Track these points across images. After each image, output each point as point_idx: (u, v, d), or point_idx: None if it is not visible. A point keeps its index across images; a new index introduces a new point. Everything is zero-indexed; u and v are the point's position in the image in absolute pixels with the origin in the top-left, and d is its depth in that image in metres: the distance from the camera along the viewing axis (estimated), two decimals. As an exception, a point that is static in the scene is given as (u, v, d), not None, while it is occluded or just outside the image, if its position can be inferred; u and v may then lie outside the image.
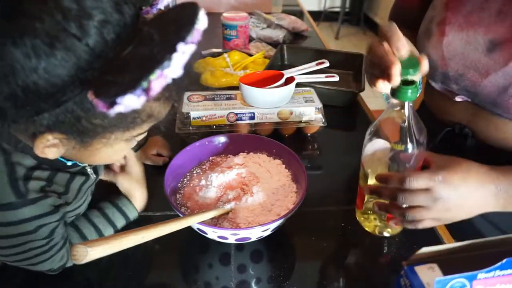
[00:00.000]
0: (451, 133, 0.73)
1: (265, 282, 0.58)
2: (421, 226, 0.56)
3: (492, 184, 0.53)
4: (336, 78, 0.89)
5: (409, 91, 0.51)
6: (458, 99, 0.68)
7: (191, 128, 0.82)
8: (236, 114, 0.82)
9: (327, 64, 0.89)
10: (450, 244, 0.32)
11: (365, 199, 0.63)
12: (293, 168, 0.68)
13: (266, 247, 0.63)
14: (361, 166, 0.62)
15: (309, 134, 0.90)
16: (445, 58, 0.65)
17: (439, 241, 0.65)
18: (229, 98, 0.86)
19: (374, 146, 0.58)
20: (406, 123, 0.54)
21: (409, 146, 0.55)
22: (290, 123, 0.86)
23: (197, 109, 0.81)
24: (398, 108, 0.54)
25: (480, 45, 0.61)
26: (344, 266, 0.61)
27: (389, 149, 0.57)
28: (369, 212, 0.64)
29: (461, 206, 0.53)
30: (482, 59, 0.60)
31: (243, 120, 0.83)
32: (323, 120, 0.86)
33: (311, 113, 0.85)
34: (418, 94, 0.56)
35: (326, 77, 0.89)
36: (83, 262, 0.40)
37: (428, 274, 0.31)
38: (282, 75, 0.88)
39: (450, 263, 0.31)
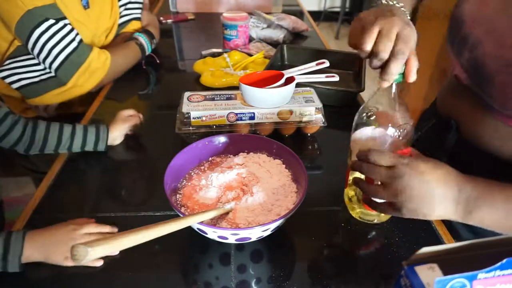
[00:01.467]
0: (438, 126, 0.73)
1: (265, 282, 0.58)
2: (379, 210, 0.56)
3: (456, 187, 0.50)
4: (336, 78, 0.89)
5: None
6: (457, 72, 0.66)
7: (191, 128, 0.82)
8: (236, 114, 0.82)
9: (327, 64, 0.89)
10: (450, 244, 0.32)
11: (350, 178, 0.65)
12: (293, 168, 0.68)
13: (266, 247, 0.63)
14: (350, 145, 0.64)
15: (309, 134, 0.90)
16: (476, 20, 0.61)
17: (439, 241, 0.65)
18: (229, 98, 0.86)
19: (367, 132, 0.60)
20: (391, 105, 0.57)
21: (390, 128, 0.58)
22: (290, 123, 0.86)
23: (197, 109, 0.81)
24: (385, 91, 0.57)
25: (509, 13, 0.56)
26: (344, 266, 0.61)
27: (383, 139, 0.59)
28: (352, 196, 0.67)
29: (420, 196, 0.50)
30: (504, 30, 0.56)
31: (243, 120, 0.83)
32: (323, 120, 0.86)
33: (311, 113, 0.85)
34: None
35: (326, 77, 0.89)
36: (83, 262, 0.40)
37: (428, 274, 0.31)
38: (282, 75, 0.88)
39: (450, 263, 0.31)
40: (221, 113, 0.82)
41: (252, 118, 0.83)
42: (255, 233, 0.56)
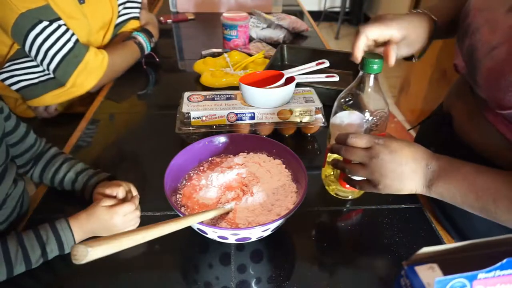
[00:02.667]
0: (436, 120, 0.76)
1: (265, 282, 0.58)
2: (358, 187, 0.61)
3: (424, 161, 0.56)
4: (336, 78, 0.89)
5: (374, 65, 0.59)
6: (457, 61, 0.69)
7: (191, 128, 0.82)
8: (236, 114, 0.82)
9: (327, 64, 0.89)
10: (450, 244, 0.32)
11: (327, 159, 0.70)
12: (293, 168, 0.68)
13: (266, 247, 0.63)
14: (329, 129, 0.68)
15: (309, 134, 0.90)
16: (479, 9, 0.62)
17: (439, 241, 0.65)
18: (229, 98, 0.86)
19: (345, 118, 0.65)
20: (368, 93, 0.62)
21: (366, 114, 0.63)
22: (290, 123, 0.86)
23: (197, 109, 0.81)
24: (365, 79, 0.62)
25: (507, 2, 0.56)
26: (344, 266, 0.61)
27: (359, 124, 0.63)
28: (329, 174, 0.72)
29: (393, 172, 0.56)
30: (500, 17, 0.57)
31: (243, 120, 0.83)
32: (323, 120, 0.86)
33: (311, 113, 0.85)
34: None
35: (326, 77, 0.89)
36: (83, 262, 0.40)
37: (428, 274, 0.31)
38: (282, 75, 0.88)
39: (450, 263, 0.31)
40: (221, 113, 0.82)
41: (252, 118, 0.83)
42: (255, 233, 0.56)
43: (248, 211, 0.61)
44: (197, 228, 0.57)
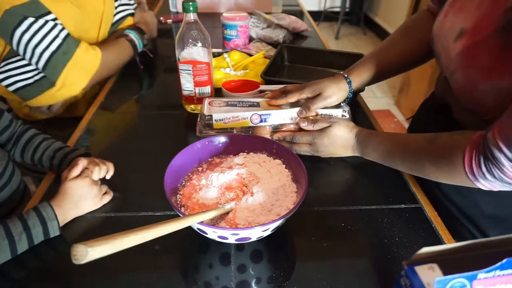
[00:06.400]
0: (433, 107, 0.84)
1: (265, 282, 0.58)
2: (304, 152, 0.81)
3: (349, 141, 0.76)
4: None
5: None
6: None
7: (211, 132, 0.80)
8: (260, 115, 0.81)
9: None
10: (450, 244, 0.32)
11: None
12: (293, 168, 0.68)
13: (266, 247, 0.63)
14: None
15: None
16: (437, 35, 0.71)
17: (439, 241, 0.65)
18: (251, 106, 0.84)
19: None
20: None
21: None
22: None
23: (219, 112, 0.80)
24: None
25: (455, 31, 0.64)
26: (344, 266, 0.61)
27: None
28: None
29: (333, 150, 0.78)
30: (450, 45, 0.65)
31: (267, 121, 0.82)
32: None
33: (338, 114, 0.84)
34: None
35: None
36: (83, 262, 0.40)
37: (428, 274, 0.31)
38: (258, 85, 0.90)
39: (450, 263, 0.31)
40: (245, 115, 0.81)
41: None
42: (255, 233, 0.56)
43: (248, 211, 0.61)
44: (197, 228, 0.57)
